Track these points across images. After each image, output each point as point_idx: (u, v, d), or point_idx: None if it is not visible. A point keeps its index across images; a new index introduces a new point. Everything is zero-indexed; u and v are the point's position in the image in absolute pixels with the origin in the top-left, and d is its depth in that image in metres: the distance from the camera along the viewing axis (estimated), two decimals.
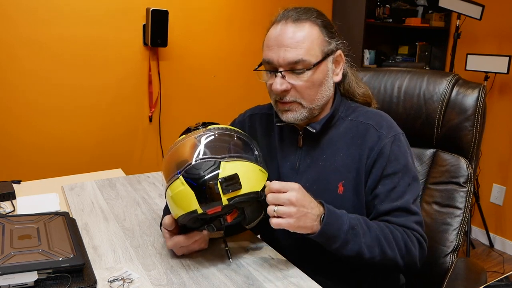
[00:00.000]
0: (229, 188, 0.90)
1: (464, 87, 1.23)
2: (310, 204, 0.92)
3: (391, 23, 3.20)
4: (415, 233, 1.01)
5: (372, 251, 0.96)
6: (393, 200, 1.02)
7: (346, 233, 0.94)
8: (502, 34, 2.90)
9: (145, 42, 2.50)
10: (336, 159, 1.07)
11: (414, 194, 1.04)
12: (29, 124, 2.27)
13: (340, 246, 0.95)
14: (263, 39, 1.07)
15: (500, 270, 2.75)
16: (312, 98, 1.04)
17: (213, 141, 0.99)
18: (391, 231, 0.99)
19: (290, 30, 1.01)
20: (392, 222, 1.01)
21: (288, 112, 1.05)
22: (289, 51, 0.99)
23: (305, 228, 0.91)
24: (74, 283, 0.87)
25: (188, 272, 0.98)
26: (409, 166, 1.04)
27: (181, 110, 2.73)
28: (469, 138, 1.21)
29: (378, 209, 1.03)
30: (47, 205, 1.30)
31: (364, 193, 1.04)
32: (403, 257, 0.99)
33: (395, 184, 1.02)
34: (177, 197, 0.94)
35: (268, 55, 1.03)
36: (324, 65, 1.04)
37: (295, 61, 1.00)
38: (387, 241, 0.97)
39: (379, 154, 1.03)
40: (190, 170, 0.93)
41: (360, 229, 0.96)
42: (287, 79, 1.01)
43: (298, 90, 1.02)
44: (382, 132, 1.05)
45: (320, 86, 1.04)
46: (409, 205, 1.02)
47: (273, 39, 1.02)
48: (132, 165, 2.60)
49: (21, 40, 2.17)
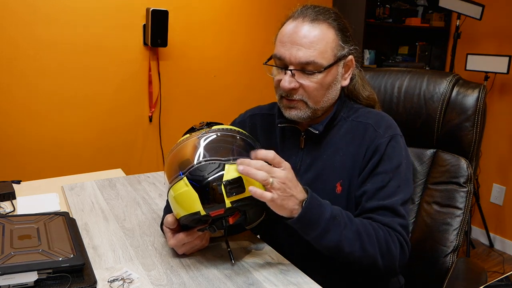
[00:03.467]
0: (233, 191, 0.90)
1: (464, 87, 1.23)
2: (296, 187, 0.91)
3: (391, 23, 3.20)
4: (397, 235, 0.99)
5: (352, 245, 0.94)
6: (381, 199, 1.00)
7: (327, 221, 0.92)
8: (502, 34, 2.90)
9: (145, 42, 2.50)
10: (335, 159, 1.07)
11: (404, 197, 1.02)
12: (29, 124, 2.27)
13: (319, 234, 0.92)
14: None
15: (500, 270, 2.75)
16: (318, 99, 1.04)
17: (216, 142, 0.99)
18: (374, 228, 0.97)
19: (306, 29, 1.00)
20: (376, 220, 0.99)
21: (292, 110, 1.05)
22: (302, 50, 0.99)
23: (285, 210, 0.90)
24: (74, 283, 0.87)
25: (188, 272, 0.98)
26: (402, 168, 1.03)
27: (181, 110, 2.73)
28: (469, 138, 1.21)
29: (364, 206, 1.02)
30: (47, 205, 1.30)
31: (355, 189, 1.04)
32: (383, 256, 0.97)
33: (385, 183, 1.01)
34: (180, 197, 0.94)
35: (280, 51, 1.02)
36: (334, 69, 1.04)
37: (307, 62, 0.99)
38: (368, 236, 0.95)
39: (374, 151, 1.03)
40: (195, 171, 0.92)
41: (342, 220, 0.94)
42: (296, 77, 1.01)
43: (306, 90, 1.02)
44: (380, 131, 1.05)
45: (328, 89, 1.04)
46: (397, 206, 1.00)
47: (287, 36, 1.01)
48: (132, 165, 2.60)
49: (21, 40, 2.17)
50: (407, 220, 1.02)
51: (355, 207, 1.04)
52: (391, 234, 0.98)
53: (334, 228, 0.93)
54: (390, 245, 0.97)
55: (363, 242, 0.95)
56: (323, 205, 0.94)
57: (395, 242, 0.98)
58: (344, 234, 0.93)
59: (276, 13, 2.89)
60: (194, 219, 0.95)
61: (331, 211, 0.94)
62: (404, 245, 1.00)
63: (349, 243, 0.94)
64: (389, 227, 0.99)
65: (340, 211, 0.96)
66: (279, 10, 2.91)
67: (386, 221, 0.99)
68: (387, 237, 0.97)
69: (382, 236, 0.97)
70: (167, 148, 2.69)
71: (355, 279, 1.08)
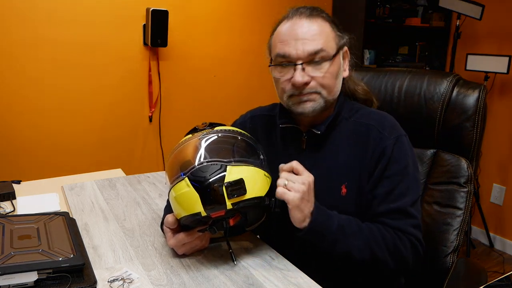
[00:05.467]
0: (234, 193, 0.90)
1: (464, 87, 1.23)
2: (312, 198, 0.96)
3: (391, 23, 3.20)
4: (409, 237, 1.00)
5: (362, 253, 0.97)
6: (391, 202, 1.01)
7: (335, 232, 0.95)
8: (502, 34, 2.89)
9: (145, 42, 2.50)
10: (339, 160, 1.07)
11: (414, 197, 1.03)
12: (29, 124, 2.27)
13: (328, 245, 0.96)
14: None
15: (500, 270, 2.75)
16: (331, 88, 1.05)
17: (218, 143, 0.99)
18: (382, 233, 0.99)
19: (305, 24, 1.02)
20: (387, 224, 1.00)
21: (307, 103, 1.04)
22: (307, 43, 1.01)
23: (300, 213, 0.94)
24: (74, 283, 0.87)
25: (188, 272, 0.98)
26: (409, 168, 1.04)
27: (181, 110, 2.73)
28: (470, 138, 1.21)
29: (375, 210, 1.03)
30: (47, 205, 1.29)
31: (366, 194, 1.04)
32: (393, 259, 0.99)
33: (394, 186, 1.02)
34: (181, 198, 0.94)
35: (284, 49, 1.02)
36: (338, 58, 1.06)
37: (315, 51, 1.01)
38: (376, 243, 0.98)
39: (380, 154, 1.03)
40: (196, 172, 0.92)
41: (349, 230, 0.97)
42: (306, 71, 1.02)
43: (318, 81, 1.03)
44: (385, 133, 1.05)
45: (336, 78, 1.06)
46: (407, 208, 1.01)
47: (287, 34, 1.03)
48: (132, 165, 2.60)
49: (21, 40, 2.17)
50: (418, 219, 1.03)
51: (364, 209, 1.05)
52: (401, 237, 1.00)
53: (343, 238, 0.96)
54: (399, 248, 0.99)
55: (373, 249, 0.97)
56: (330, 217, 0.97)
57: (405, 244, 1.00)
58: (353, 243, 0.96)
59: (276, 13, 2.89)
60: (194, 220, 0.95)
61: (338, 222, 0.97)
62: (416, 244, 1.01)
63: (359, 251, 0.97)
64: (400, 230, 1.00)
65: (348, 220, 0.99)
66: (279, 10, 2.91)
67: (397, 225, 1.00)
68: (396, 240, 0.99)
69: (390, 240, 0.99)
70: (167, 148, 2.69)
71: (355, 279, 1.08)
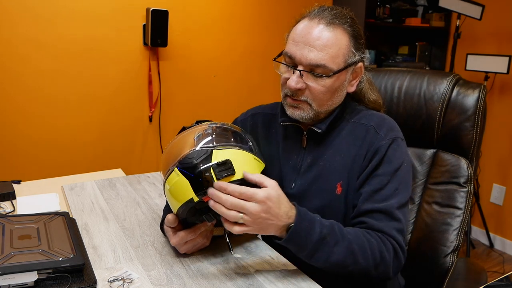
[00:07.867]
0: (222, 173, 0.90)
1: (464, 87, 1.23)
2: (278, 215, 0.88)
3: (391, 23, 3.20)
4: (392, 241, 0.97)
5: (344, 260, 0.93)
6: (377, 202, 0.99)
7: (315, 243, 0.91)
8: (502, 34, 2.90)
9: (145, 42, 2.50)
10: (336, 159, 1.07)
11: (401, 200, 1.00)
12: (29, 124, 2.27)
13: (307, 254, 0.93)
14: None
15: (500, 270, 2.75)
16: (323, 103, 1.04)
17: (206, 135, 0.99)
18: (367, 239, 0.95)
19: (320, 31, 0.99)
20: (370, 224, 0.98)
21: (296, 109, 1.05)
22: (313, 52, 0.99)
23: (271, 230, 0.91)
24: (74, 283, 0.87)
25: (188, 272, 0.98)
26: (401, 171, 1.02)
27: (181, 110, 2.73)
28: (470, 138, 1.21)
29: (360, 208, 1.01)
30: (47, 205, 1.29)
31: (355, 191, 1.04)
32: (376, 267, 0.95)
33: (382, 186, 1.00)
34: (174, 188, 0.95)
35: (292, 49, 1.02)
36: (343, 75, 1.03)
37: (317, 64, 0.99)
38: (361, 249, 0.94)
39: (374, 153, 1.03)
40: (184, 160, 0.94)
41: (332, 238, 0.92)
42: (303, 78, 1.01)
43: (312, 92, 1.02)
44: (381, 133, 1.04)
45: (334, 93, 1.04)
46: (393, 210, 0.99)
47: (301, 35, 1.01)
48: (132, 165, 2.60)
49: (21, 40, 2.17)
50: (403, 224, 1.00)
51: (352, 209, 1.04)
52: (385, 242, 0.97)
53: (323, 247, 0.92)
54: (384, 254, 0.96)
55: (356, 256, 0.94)
56: (312, 226, 0.92)
57: (388, 249, 0.97)
58: (334, 252, 0.92)
59: (276, 13, 2.90)
60: (190, 209, 0.95)
61: (320, 231, 0.92)
62: (398, 250, 0.98)
63: (340, 259, 0.93)
64: (383, 232, 0.98)
65: (331, 228, 0.94)
66: (279, 10, 2.91)
67: (381, 226, 0.98)
68: (381, 245, 0.96)
69: (376, 245, 0.95)
70: None
71: (354, 281, 1.08)
